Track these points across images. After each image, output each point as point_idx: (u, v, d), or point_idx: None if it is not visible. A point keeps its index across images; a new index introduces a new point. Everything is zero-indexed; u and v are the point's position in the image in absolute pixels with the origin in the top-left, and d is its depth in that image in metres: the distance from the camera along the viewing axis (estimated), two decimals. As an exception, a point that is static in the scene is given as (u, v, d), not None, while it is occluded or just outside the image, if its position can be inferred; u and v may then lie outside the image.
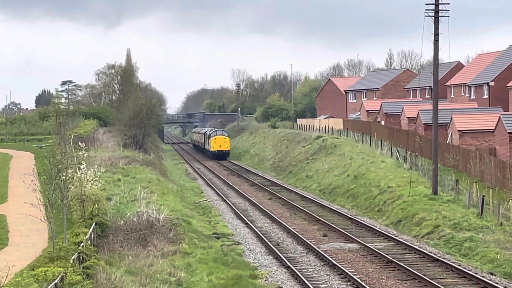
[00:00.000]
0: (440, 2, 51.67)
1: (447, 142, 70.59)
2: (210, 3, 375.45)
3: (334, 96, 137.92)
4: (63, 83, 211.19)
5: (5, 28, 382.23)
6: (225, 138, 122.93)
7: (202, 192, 74.37)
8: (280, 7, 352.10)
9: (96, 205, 41.83)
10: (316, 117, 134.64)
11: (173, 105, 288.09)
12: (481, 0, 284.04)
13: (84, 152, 50.20)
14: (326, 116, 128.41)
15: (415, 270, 34.93)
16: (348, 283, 33.62)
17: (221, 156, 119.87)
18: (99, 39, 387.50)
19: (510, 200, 46.95)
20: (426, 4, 51.71)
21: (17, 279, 25.84)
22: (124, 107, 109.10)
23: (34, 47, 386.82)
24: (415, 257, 38.84)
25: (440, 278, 33.62)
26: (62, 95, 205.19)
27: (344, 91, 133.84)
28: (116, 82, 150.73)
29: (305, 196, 67.10)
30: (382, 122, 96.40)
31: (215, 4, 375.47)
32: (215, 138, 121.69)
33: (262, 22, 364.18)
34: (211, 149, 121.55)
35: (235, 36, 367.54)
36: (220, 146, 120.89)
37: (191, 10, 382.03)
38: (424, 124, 79.06)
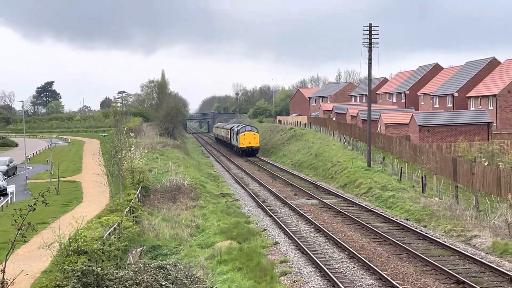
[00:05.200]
0: (372, 37, 51.66)
1: (377, 131, 70.70)
2: (216, 38, 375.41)
3: (301, 101, 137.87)
4: (119, 93, 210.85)
5: (75, 55, 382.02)
6: (254, 134, 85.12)
7: (213, 166, 74.39)
8: (263, 41, 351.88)
9: (141, 174, 41.94)
10: (289, 115, 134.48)
11: (193, 107, 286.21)
12: (401, 34, 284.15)
13: (133, 139, 50.09)
14: (296, 114, 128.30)
15: (356, 217, 35.06)
16: (311, 226, 33.72)
17: (250, 153, 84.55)
18: (141, 62, 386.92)
19: (419, 170, 47.12)
20: (363, 39, 51.69)
21: (88, 224, 25.91)
22: (160, 108, 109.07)
23: (97, 68, 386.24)
24: (356, 209, 38.96)
25: (373, 223, 33.76)
26: (118, 100, 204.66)
27: (308, 97, 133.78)
28: (154, 92, 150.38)
29: (282, 168, 67.13)
30: (334, 118, 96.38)
31: (218, 38, 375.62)
32: (244, 134, 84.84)
33: (251, 50, 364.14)
34: (240, 146, 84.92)
35: (234, 60, 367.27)
36: (250, 142, 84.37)
37: (204, 42, 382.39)
38: (362, 119, 79.14)
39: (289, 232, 31.34)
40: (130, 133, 55.00)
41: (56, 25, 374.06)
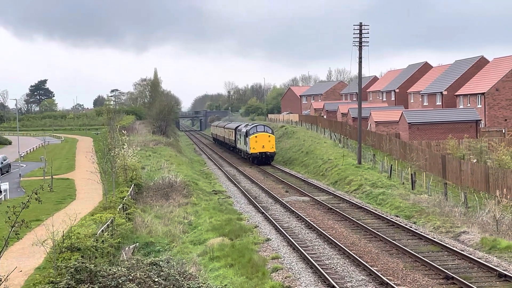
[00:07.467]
0: (362, 36, 51.72)
1: (368, 129, 70.86)
2: (206, 36, 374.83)
3: (293, 99, 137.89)
4: (112, 91, 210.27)
5: (68, 53, 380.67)
6: (269, 136, 66.72)
7: (205, 163, 74.28)
8: (254, 39, 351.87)
9: (134, 172, 41.83)
10: (281, 113, 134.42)
11: (185, 105, 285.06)
12: (390, 34, 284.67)
13: (126, 137, 49.93)
14: (288, 112, 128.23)
15: (346, 214, 35.12)
16: (302, 223, 33.76)
17: (264, 160, 66.91)
18: (134, 60, 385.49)
19: (409, 167, 47.27)
20: (353, 38, 51.76)
21: (82, 221, 25.83)
22: (153, 107, 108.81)
23: (90, 66, 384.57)
24: (346, 205, 39.01)
25: (363, 219, 33.83)
26: (111, 98, 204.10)
27: (299, 95, 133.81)
28: (147, 90, 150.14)
29: (273, 166, 67.05)
30: (325, 116, 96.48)
31: (210, 37, 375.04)
32: (255, 136, 66.36)
33: (243, 48, 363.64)
34: (251, 151, 66.54)
35: (226, 58, 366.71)
36: (263, 147, 66.16)
37: (196, 41, 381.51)
38: (352, 117, 79.28)
39: (281, 228, 31.32)
40: (123, 131, 54.77)
41: (47, 23, 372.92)
